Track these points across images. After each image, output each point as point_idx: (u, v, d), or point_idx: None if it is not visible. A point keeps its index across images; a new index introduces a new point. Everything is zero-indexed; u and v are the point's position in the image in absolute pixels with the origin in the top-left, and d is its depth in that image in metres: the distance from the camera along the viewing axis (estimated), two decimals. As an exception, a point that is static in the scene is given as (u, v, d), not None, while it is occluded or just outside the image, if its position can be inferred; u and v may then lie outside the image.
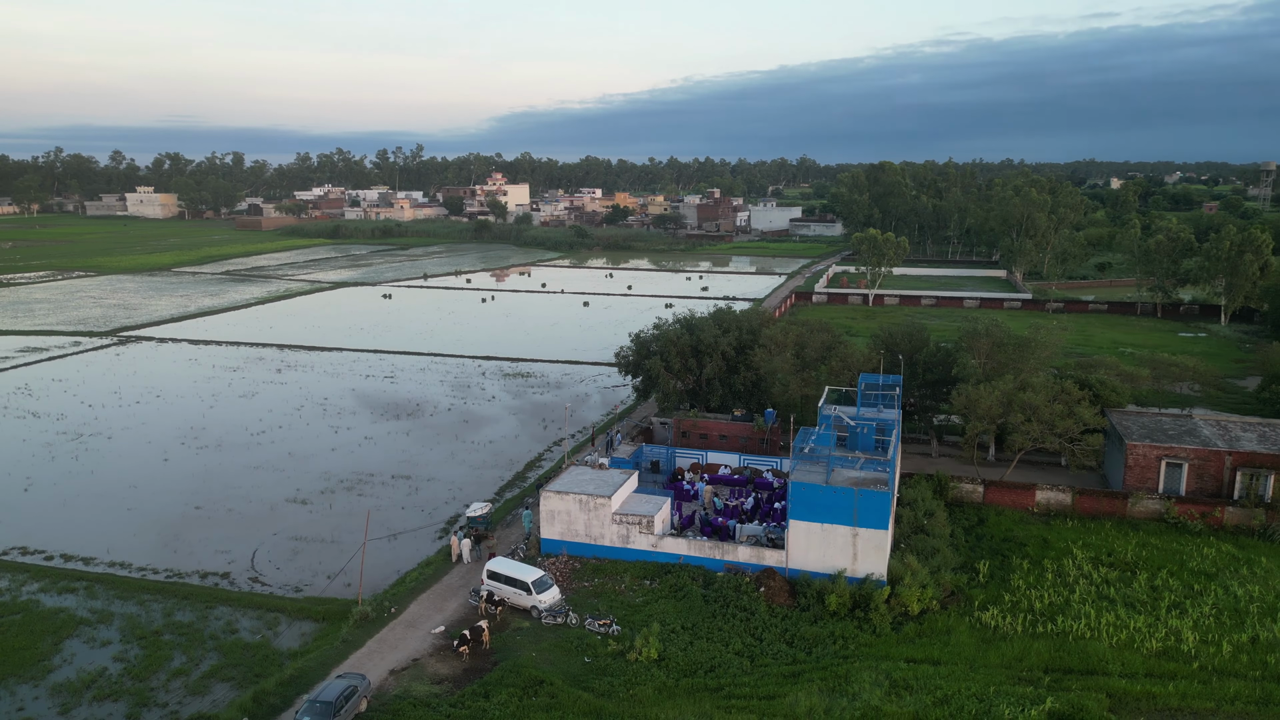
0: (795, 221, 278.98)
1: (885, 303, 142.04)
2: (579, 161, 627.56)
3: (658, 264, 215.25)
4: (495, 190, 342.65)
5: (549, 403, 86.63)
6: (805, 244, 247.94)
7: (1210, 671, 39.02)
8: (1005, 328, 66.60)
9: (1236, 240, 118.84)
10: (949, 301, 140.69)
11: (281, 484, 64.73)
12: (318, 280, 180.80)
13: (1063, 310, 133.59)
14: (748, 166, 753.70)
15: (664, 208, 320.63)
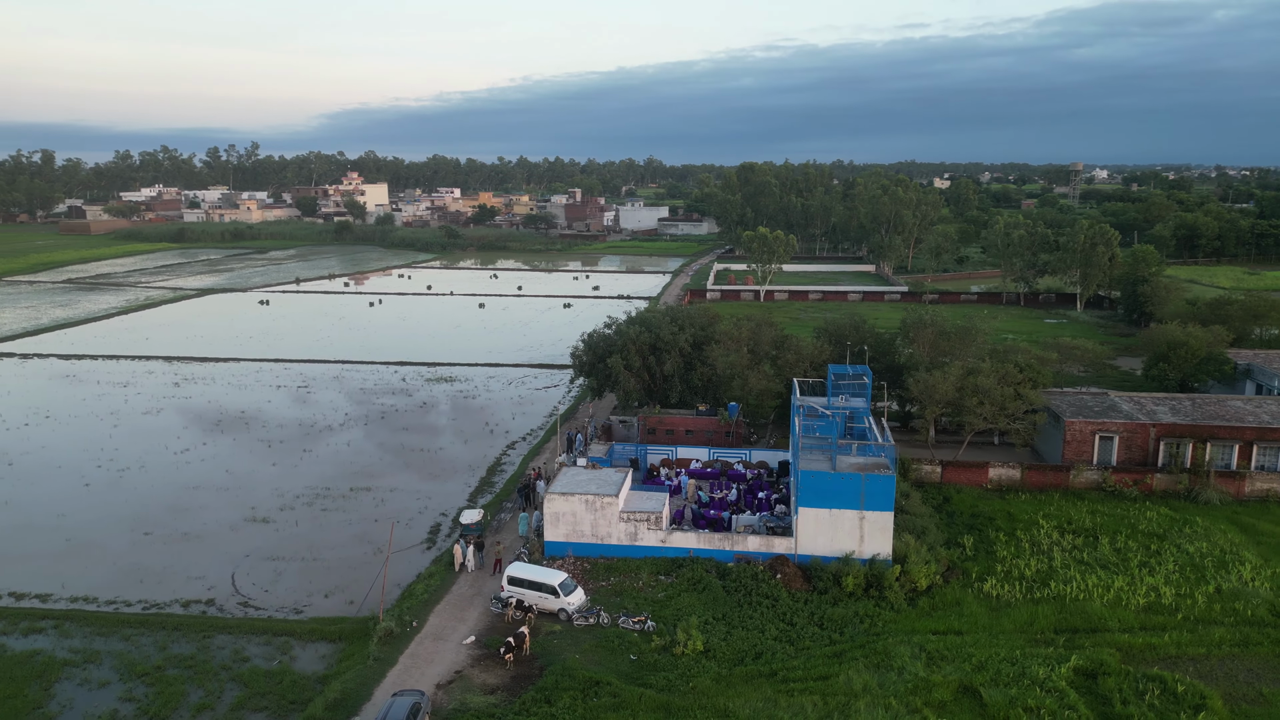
0: (664, 221, 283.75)
1: (775, 298, 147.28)
2: (427, 160, 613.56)
3: (536, 264, 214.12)
4: (352, 190, 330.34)
5: (486, 406, 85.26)
6: (676, 243, 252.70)
7: (1193, 621, 43.53)
8: (946, 318, 71.14)
9: (1089, 234, 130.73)
10: (834, 296, 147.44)
11: (232, 503, 61.00)
12: (179, 287, 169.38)
13: (938, 301, 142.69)
14: (598, 166, 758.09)
15: (530, 207, 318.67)
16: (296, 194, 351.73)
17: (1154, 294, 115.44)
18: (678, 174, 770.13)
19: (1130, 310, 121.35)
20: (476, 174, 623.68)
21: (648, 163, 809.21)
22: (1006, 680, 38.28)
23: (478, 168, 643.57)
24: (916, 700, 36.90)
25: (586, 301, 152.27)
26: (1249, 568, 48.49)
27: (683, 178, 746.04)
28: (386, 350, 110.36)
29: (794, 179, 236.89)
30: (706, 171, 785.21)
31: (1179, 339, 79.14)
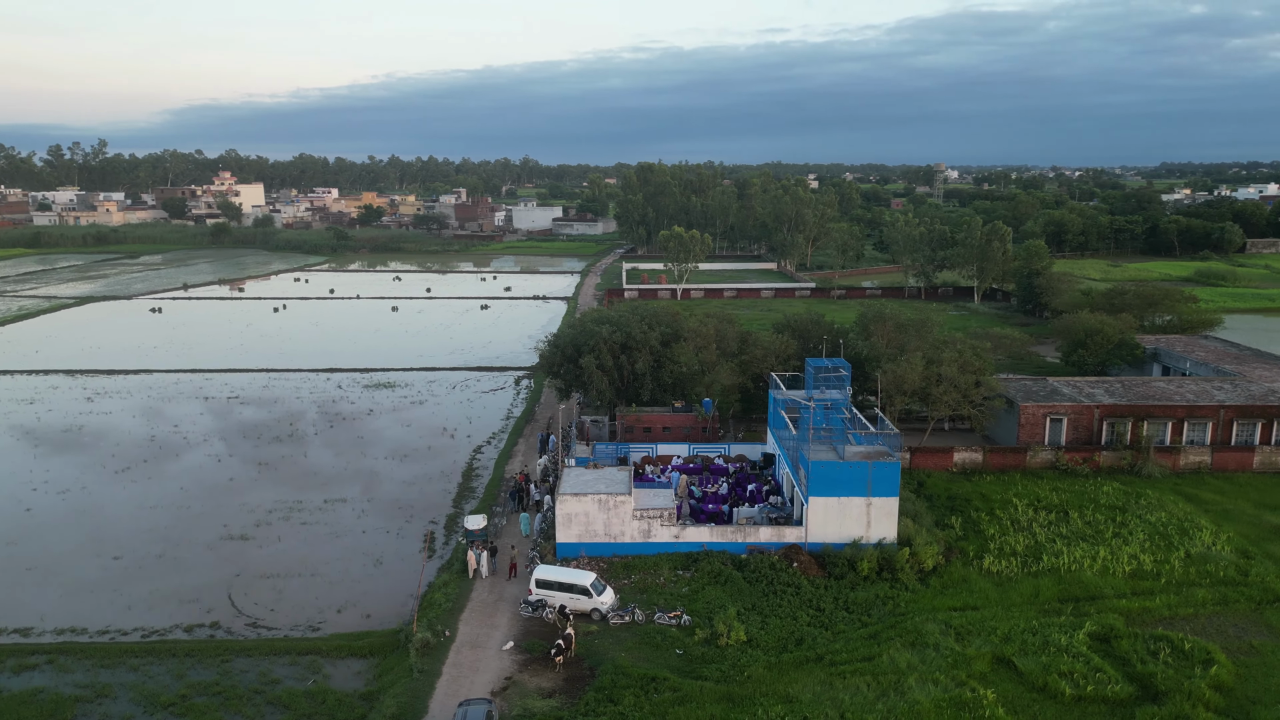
0: (558, 221, 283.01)
1: (691, 296, 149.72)
2: (293, 159, 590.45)
3: (430, 266, 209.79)
4: (226, 191, 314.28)
5: (436, 411, 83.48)
6: (574, 243, 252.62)
7: (1175, 584, 47.46)
8: (900, 312, 74.52)
9: (985, 232, 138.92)
10: (748, 293, 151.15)
11: (200, 521, 57.83)
12: (53, 296, 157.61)
13: (846, 296, 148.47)
14: (473, 166, 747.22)
15: (418, 208, 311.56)
16: (160, 195, 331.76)
17: (1048, 286, 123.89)
18: (554, 174, 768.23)
19: (1025, 301, 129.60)
20: (347, 173, 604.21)
21: (524, 162, 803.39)
22: (1034, 649, 40.84)
23: (348, 167, 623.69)
24: (960, 674, 38.91)
25: (503, 303, 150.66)
26: (1208, 533, 53.18)
27: (560, 177, 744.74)
28: (311, 357, 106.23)
29: (688, 179, 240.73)
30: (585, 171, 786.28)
31: (1095, 327, 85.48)
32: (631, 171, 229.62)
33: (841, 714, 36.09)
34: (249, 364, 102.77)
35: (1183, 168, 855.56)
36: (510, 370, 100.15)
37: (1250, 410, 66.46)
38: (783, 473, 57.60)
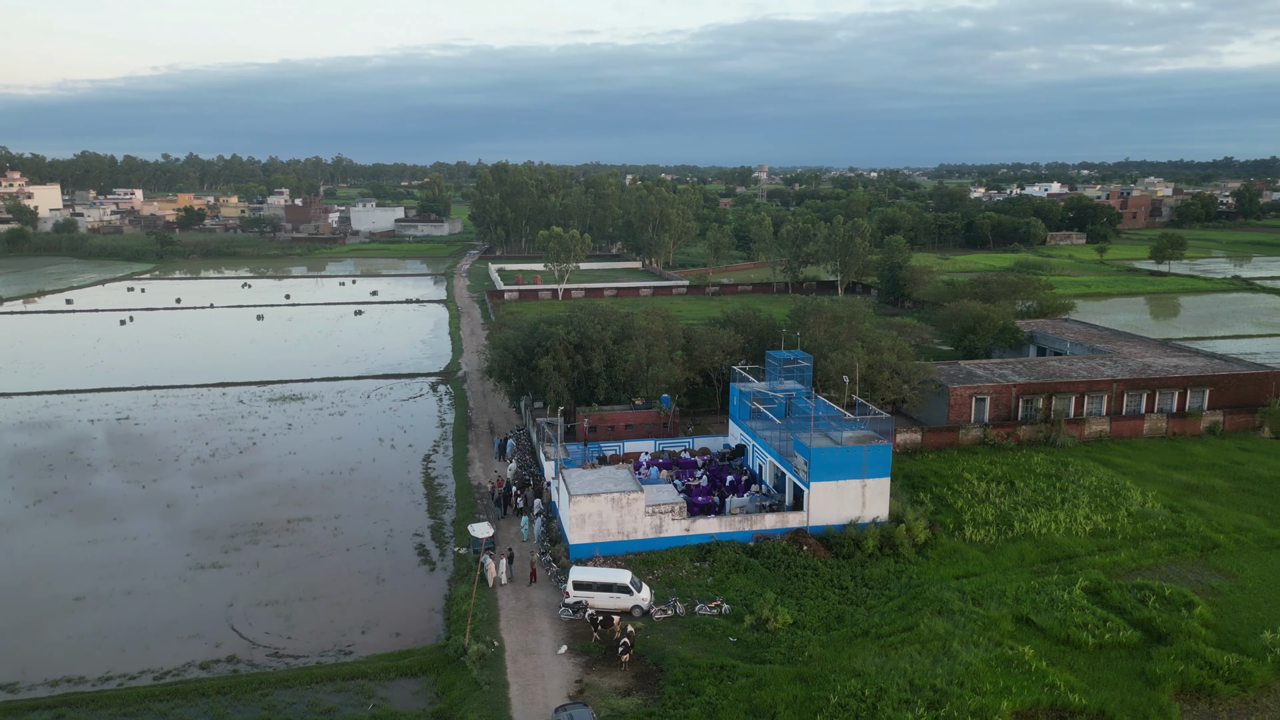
0: (401, 222, 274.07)
1: (572, 296, 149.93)
2: (75, 158, 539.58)
3: (265, 271, 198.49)
4: (17, 193, 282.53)
5: (362, 423, 79.94)
6: (423, 244, 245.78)
7: (1130, 540, 53.28)
8: (833, 306, 78.53)
9: (847, 229, 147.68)
10: (628, 292, 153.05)
11: (156, 552, 53.20)
12: None
13: (720, 293, 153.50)
14: (281, 165, 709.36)
15: (242, 210, 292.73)
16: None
17: (911, 278, 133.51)
18: (371, 173, 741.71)
19: (890, 292, 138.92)
20: (139, 173, 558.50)
21: (337, 161, 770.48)
22: (1044, 607, 44.90)
23: (139, 166, 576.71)
24: (993, 634, 42.25)
25: (376, 308, 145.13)
26: (1137, 493, 59.89)
27: (377, 176, 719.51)
28: (193, 371, 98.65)
29: (536, 179, 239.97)
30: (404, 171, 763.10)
31: (981, 314, 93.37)
32: (487, 171, 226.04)
33: (910, 681, 38.42)
34: (124, 382, 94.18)
35: (959, 168, 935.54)
36: (420, 376, 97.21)
37: (1137, 383, 75.05)
38: (764, 461, 59.69)
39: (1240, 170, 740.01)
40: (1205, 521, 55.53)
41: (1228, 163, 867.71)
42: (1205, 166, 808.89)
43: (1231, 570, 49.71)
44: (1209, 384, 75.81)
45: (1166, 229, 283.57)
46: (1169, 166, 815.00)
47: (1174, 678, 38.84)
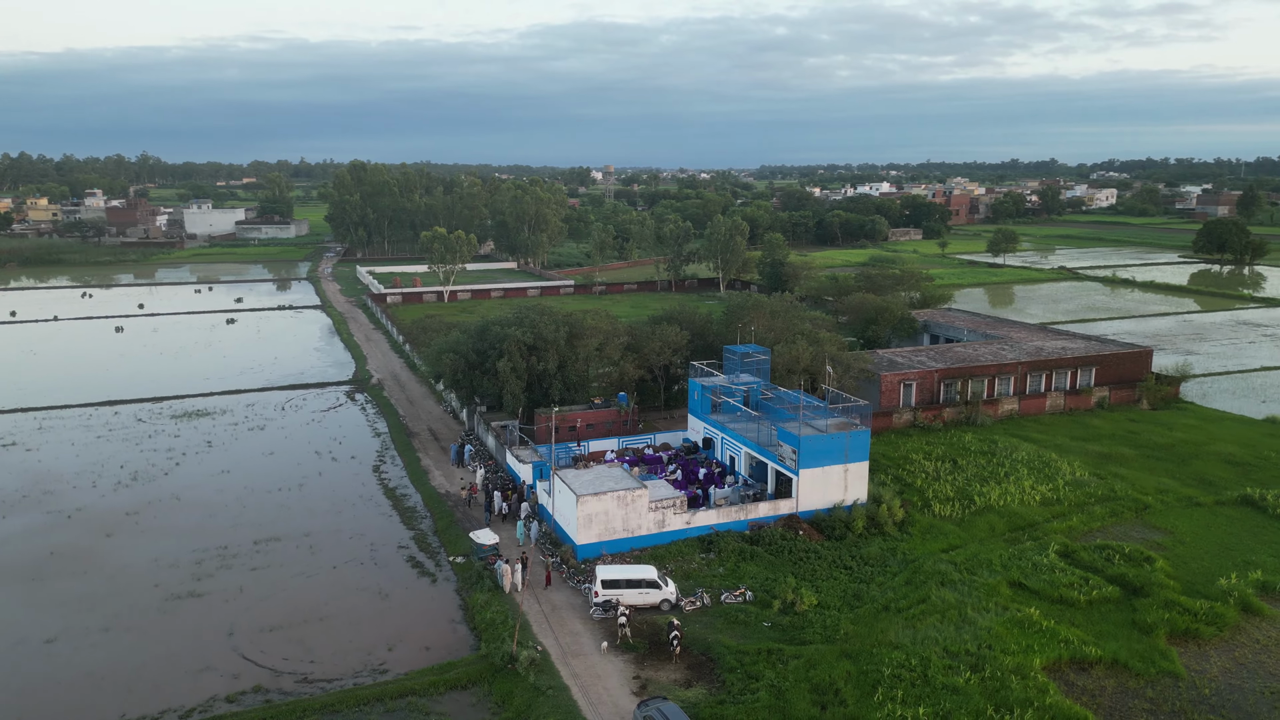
0: (242, 224, 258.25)
1: (459, 298, 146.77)
2: None
3: (89, 280, 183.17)
4: None
5: (290, 436, 75.80)
6: (272, 248, 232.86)
7: (1075, 507, 58.55)
8: (770, 303, 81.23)
9: (727, 227, 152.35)
10: (515, 293, 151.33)
11: (114, 585, 48.92)
12: None
13: (606, 292, 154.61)
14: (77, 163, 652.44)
15: (54, 212, 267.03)
16: None
17: (792, 273, 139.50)
18: (182, 172, 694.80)
19: (773, 288, 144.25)
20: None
21: (142, 159, 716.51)
22: (1030, 571, 48.87)
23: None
24: (998, 600, 45.66)
25: (250, 315, 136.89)
26: (1064, 464, 65.78)
27: (188, 175, 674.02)
28: (69, 389, 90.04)
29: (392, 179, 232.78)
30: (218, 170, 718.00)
31: (882, 305, 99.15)
32: (345, 170, 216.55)
33: (944, 648, 41.08)
34: None
35: (781, 169, 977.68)
36: (331, 386, 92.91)
37: (1037, 365, 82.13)
38: (737, 453, 61.25)
39: (1025, 171, 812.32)
40: (1130, 486, 61.81)
41: (1014, 164, 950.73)
42: (996, 168, 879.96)
43: (1167, 527, 55.70)
44: (1095, 363, 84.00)
45: (984, 224, 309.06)
46: (964, 168, 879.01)
47: (1163, 625, 43.35)
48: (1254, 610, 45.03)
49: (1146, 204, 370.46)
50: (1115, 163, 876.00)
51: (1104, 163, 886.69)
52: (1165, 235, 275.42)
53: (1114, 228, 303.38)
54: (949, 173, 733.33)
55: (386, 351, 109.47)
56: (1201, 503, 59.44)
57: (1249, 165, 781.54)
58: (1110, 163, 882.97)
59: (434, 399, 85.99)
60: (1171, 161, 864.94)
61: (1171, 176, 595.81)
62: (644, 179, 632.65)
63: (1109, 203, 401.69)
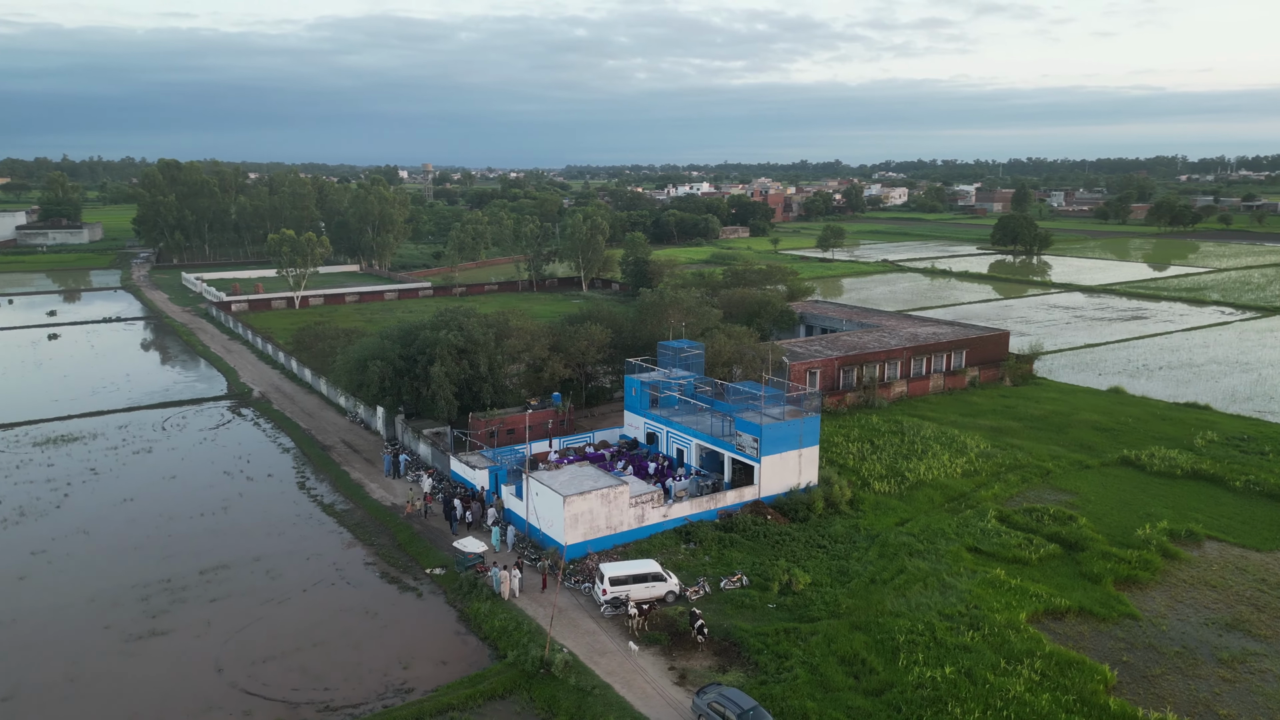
0: (24, 229, 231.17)
1: (311, 304, 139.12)
2: None
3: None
4: None
5: (183, 458, 69.90)
6: (68, 254, 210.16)
7: (992, 476, 64.13)
8: (684, 300, 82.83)
9: (589, 227, 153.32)
10: (371, 296, 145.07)
11: (56, 632, 43.91)
12: None
13: (467, 293, 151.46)
14: None
15: None
16: None
17: (656, 272, 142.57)
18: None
19: (637, 285, 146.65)
20: None
21: None
22: (980, 537, 53.41)
23: None
24: (965, 564, 49.68)
25: (74, 329, 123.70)
26: (966, 439, 71.75)
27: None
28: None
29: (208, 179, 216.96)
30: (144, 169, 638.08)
31: (764, 299, 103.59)
32: (155, 169, 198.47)
33: (939, 611, 44.40)
34: None
35: (587, 170, 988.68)
36: (207, 402, 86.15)
37: (920, 349, 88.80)
38: (686, 446, 62.46)
39: (814, 171, 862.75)
40: (1028, 455, 68.41)
41: (804, 165, 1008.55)
42: (789, 168, 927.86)
43: (1071, 489, 62.21)
44: (966, 346, 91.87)
45: (798, 221, 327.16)
46: (760, 168, 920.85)
47: (1108, 574, 48.73)
48: (1171, 555, 51.46)
49: (935, 201, 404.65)
50: (892, 163, 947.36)
51: (882, 164, 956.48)
52: (958, 229, 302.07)
53: (912, 223, 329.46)
54: (747, 173, 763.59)
55: (255, 362, 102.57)
56: (1090, 465, 66.76)
57: (1004, 165, 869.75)
58: (888, 163, 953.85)
59: (334, 410, 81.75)
60: (939, 163, 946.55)
61: (940, 176, 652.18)
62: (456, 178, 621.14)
63: (902, 200, 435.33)
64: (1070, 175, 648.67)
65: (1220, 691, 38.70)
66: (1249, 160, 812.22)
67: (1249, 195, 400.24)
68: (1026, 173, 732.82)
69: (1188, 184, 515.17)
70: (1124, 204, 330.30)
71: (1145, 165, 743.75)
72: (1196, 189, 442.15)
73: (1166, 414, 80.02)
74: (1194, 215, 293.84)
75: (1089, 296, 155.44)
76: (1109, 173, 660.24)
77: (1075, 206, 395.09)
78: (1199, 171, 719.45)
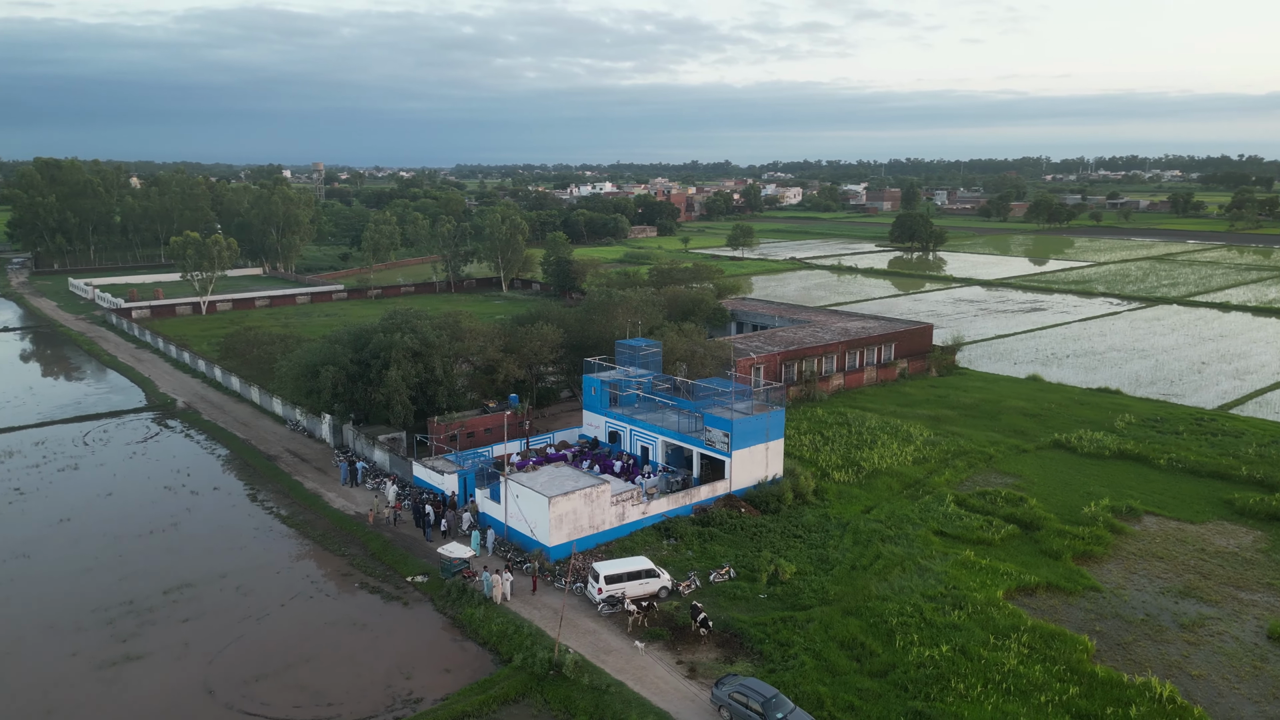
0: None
1: (219, 309, 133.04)
2: None
3: None
4: None
5: (114, 473, 66.21)
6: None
7: (940, 463, 66.82)
8: (631, 298, 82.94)
9: (508, 227, 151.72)
10: (282, 300, 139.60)
11: (18, 663, 41.01)
12: None
13: (382, 295, 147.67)
14: None
15: None
16: None
17: (579, 271, 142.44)
18: None
19: (560, 286, 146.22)
20: None
21: None
22: (943, 520, 55.71)
23: None
24: (934, 547, 51.78)
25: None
26: (910, 428, 74.51)
27: None
28: None
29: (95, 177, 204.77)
30: None
31: (698, 297, 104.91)
32: (33, 169, 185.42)
33: (922, 593, 46.19)
34: None
35: (479, 169, 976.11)
36: (128, 414, 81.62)
37: (853, 343, 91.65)
38: (651, 444, 62.80)
39: (706, 171, 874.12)
40: (969, 441, 71.58)
41: (695, 165, 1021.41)
42: (680, 168, 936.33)
43: (1014, 472, 65.48)
44: (895, 339, 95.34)
45: (700, 220, 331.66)
46: (652, 168, 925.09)
47: (1067, 550, 51.62)
48: (1118, 530, 54.88)
49: (829, 201, 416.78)
50: (779, 164, 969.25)
51: (770, 164, 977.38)
52: (853, 228, 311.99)
53: (809, 222, 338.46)
54: (640, 173, 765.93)
55: (171, 371, 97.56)
56: (1026, 449, 70.39)
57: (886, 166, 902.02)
58: (776, 164, 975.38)
59: (270, 419, 78.62)
60: (824, 163, 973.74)
61: (827, 176, 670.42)
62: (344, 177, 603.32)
63: (797, 200, 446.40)
64: (947, 175, 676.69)
65: (1188, 654, 41.60)
66: (1106, 161, 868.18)
67: (1113, 194, 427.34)
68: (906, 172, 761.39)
69: (1054, 183, 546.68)
70: (1004, 202, 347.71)
71: (1014, 165, 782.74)
72: (1064, 188, 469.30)
73: (1084, 399, 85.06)
74: (1069, 213, 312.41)
75: (988, 290, 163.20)
76: (981, 172, 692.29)
77: (959, 205, 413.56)
78: (1062, 171, 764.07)
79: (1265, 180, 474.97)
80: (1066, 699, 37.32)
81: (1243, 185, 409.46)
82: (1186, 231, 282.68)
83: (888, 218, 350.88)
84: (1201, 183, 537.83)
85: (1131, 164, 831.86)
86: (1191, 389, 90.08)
